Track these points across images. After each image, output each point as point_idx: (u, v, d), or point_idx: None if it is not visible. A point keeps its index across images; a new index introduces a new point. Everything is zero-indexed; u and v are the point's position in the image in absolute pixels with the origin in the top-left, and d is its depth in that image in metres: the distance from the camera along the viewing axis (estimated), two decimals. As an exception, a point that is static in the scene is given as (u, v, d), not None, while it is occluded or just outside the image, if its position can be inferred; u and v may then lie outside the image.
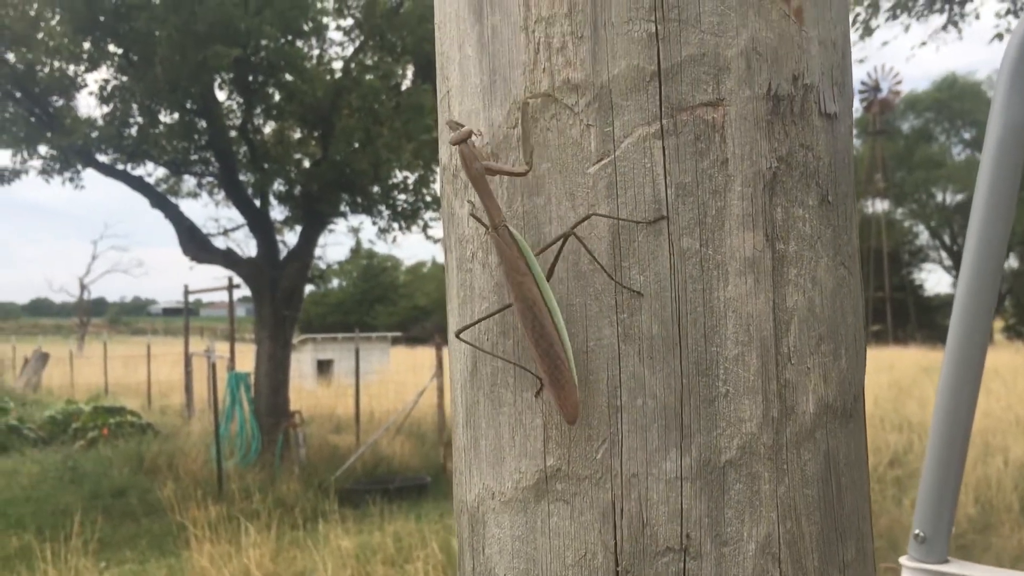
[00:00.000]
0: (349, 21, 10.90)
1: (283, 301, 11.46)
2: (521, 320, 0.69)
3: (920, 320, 37.68)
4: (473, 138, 0.71)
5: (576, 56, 0.69)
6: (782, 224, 0.69)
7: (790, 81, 0.70)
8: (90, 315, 46.59)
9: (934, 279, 60.28)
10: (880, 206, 39.55)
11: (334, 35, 15.85)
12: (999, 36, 7.28)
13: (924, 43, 7.46)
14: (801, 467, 0.69)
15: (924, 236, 42.81)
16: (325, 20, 10.62)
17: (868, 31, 8.11)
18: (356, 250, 18.34)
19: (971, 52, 45.99)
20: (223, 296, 12.56)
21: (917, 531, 1.42)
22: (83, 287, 41.27)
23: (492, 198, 0.70)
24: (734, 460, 0.67)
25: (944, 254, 41.92)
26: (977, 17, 6.98)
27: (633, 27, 0.68)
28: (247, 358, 13.03)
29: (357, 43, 11.04)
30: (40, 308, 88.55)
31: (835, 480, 0.72)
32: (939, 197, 40.79)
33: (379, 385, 16.77)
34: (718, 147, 0.68)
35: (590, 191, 0.69)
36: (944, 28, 6.81)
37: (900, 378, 16.11)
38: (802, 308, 0.70)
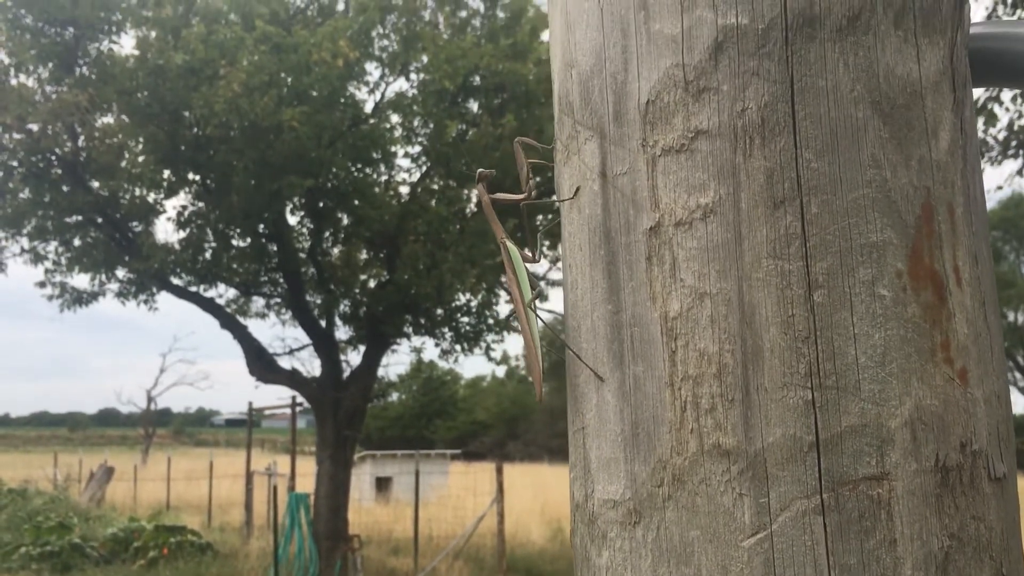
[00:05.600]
0: (416, 148, 11.18)
1: (345, 421, 11.47)
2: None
3: (996, 442, 36.09)
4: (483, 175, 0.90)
5: (727, 420, 0.66)
6: (956, 609, 0.63)
7: (958, 450, 0.65)
8: (155, 426, 47.13)
9: (1008, 399, 58.11)
10: (949, 324, 38.38)
11: (401, 161, 16.27)
12: None
13: (1000, 187, 7.34)
14: None
15: (996, 356, 41.36)
16: (393, 148, 10.90)
17: None
18: (417, 367, 18.41)
19: (1037, 169, 45.42)
20: (285, 408, 12.66)
21: None
22: (150, 399, 41.80)
23: (496, 222, 0.88)
24: None
25: (1018, 375, 40.46)
26: None
27: (788, 393, 0.64)
28: (307, 475, 13.00)
29: (424, 168, 11.30)
30: (108, 418, 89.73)
31: None
32: (1010, 317, 39.68)
33: (438, 505, 16.52)
34: (885, 525, 0.63)
35: (745, 566, 0.64)
36: (1019, 173, 6.72)
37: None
38: None
